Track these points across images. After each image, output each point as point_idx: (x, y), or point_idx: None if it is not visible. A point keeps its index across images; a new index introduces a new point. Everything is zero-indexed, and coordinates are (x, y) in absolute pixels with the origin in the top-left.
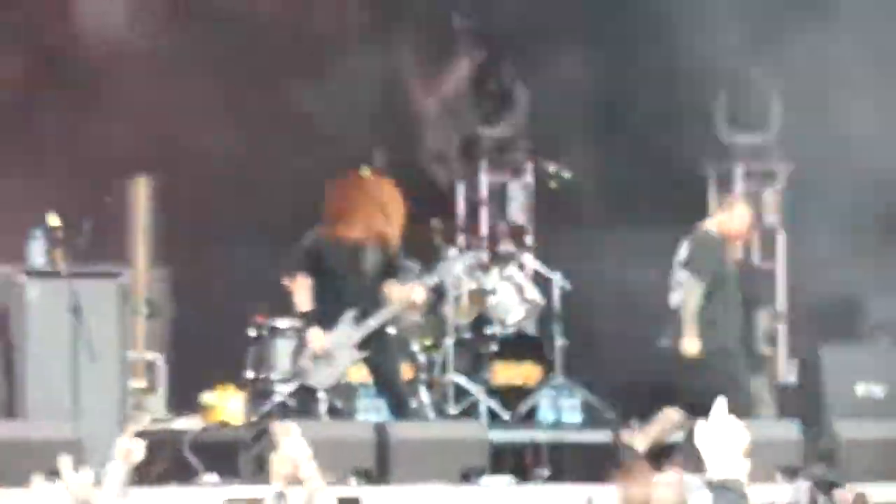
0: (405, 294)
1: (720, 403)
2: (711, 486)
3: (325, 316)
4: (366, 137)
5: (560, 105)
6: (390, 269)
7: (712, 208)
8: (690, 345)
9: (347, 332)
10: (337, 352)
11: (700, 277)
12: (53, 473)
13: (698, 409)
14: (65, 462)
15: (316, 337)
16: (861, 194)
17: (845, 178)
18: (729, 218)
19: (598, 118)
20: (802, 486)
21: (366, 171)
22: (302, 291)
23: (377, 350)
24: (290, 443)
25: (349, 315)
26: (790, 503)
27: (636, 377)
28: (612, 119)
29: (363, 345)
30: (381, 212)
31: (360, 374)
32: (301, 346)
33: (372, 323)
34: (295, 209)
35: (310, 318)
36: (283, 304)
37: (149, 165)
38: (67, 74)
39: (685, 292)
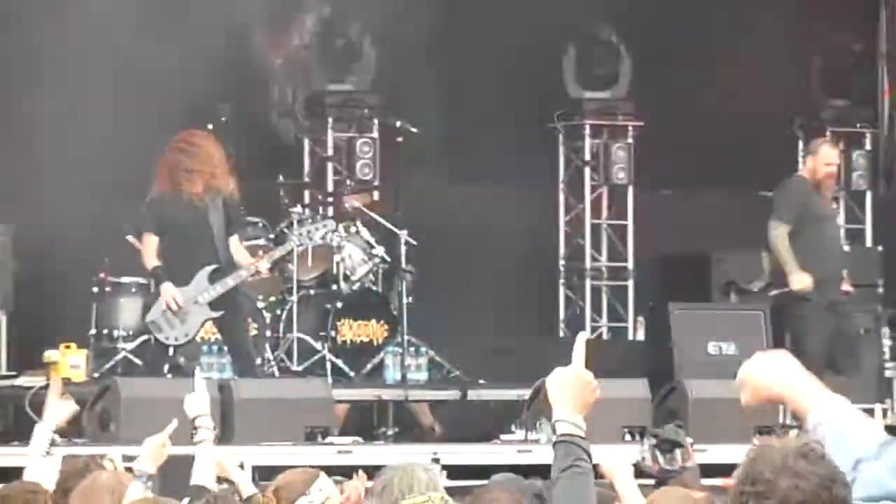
0: (252, 263)
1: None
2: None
3: (172, 272)
4: (211, 91)
5: (406, 60)
6: (231, 225)
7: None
8: (800, 279)
9: (201, 289)
10: (190, 308)
11: (782, 218)
12: None
13: None
14: None
15: (169, 291)
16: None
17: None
18: (813, 161)
19: (444, 73)
20: (646, 445)
21: (209, 126)
22: (149, 248)
23: (227, 307)
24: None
25: (204, 272)
26: (636, 462)
27: (479, 336)
28: (457, 73)
29: (216, 303)
30: (219, 167)
31: (204, 331)
32: (151, 302)
33: (230, 282)
34: (140, 164)
35: (159, 274)
36: (127, 261)
37: None
38: None
39: (771, 235)
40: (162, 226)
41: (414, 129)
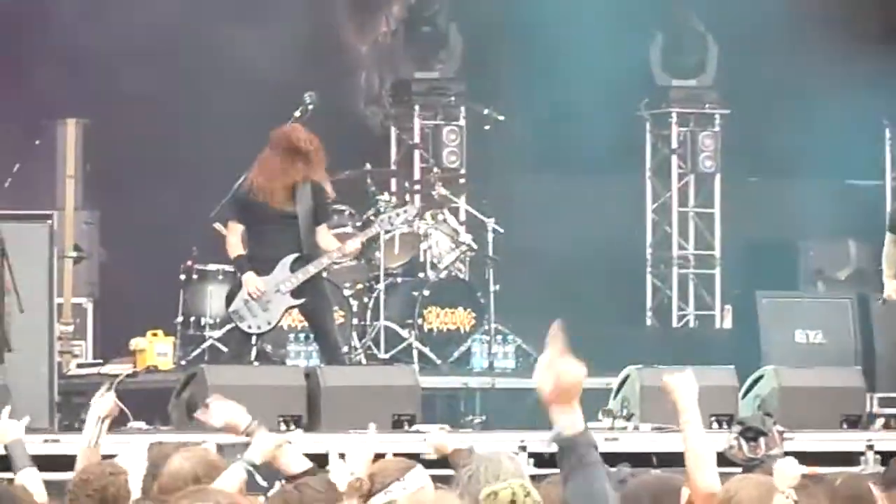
0: (342, 245)
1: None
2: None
3: (257, 261)
4: (297, 79)
5: (493, 47)
6: (319, 214)
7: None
8: (892, 287)
9: (284, 278)
10: (272, 297)
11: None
12: None
13: None
14: None
15: (251, 281)
16: None
17: None
18: None
19: (531, 61)
20: (733, 433)
21: (295, 114)
22: (233, 236)
23: (311, 295)
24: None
25: (286, 260)
26: (725, 450)
27: (566, 323)
28: (544, 61)
29: (298, 291)
30: (308, 157)
31: (291, 319)
32: (235, 291)
33: (311, 269)
34: (226, 153)
35: (242, 263)
36: (214, 249)
37: (78, 108)
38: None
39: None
40: (247, 214)
41: (501, 117)
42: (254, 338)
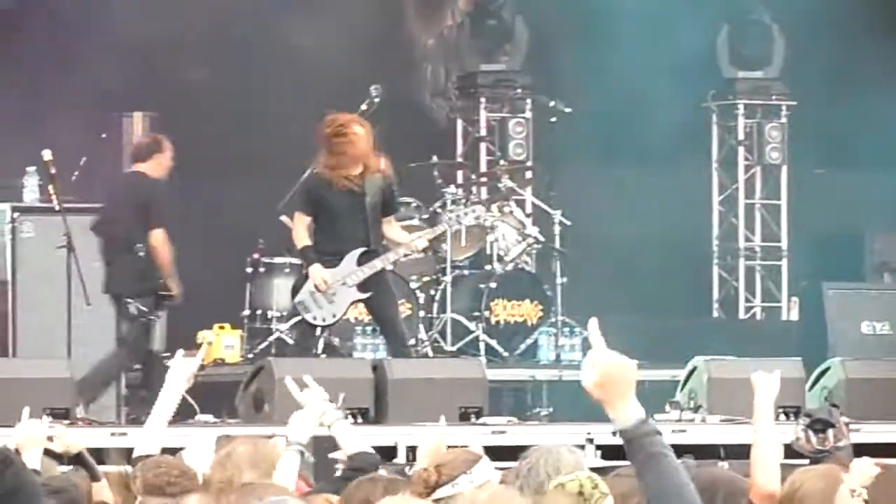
0: (409, 241)
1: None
2: None
3: (324, 253)
4: (363, 71)
5: (559, 39)
6: (388, 207)
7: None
8: None
9: (350, 271)
10: (338, 289)
11: None
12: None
13: None
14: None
15: (317, 273)
16: None
17: None
18: None
19: (597, 52)
20: (800, 425)
21: (362, 107)
22: (300, 228)
23: (376, 288)
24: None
25: (354, 254)
26: (792, 442)
27: (633, 315)
28: (610, 52)
29: (364, 285)
30: (333, 146)
31: (357, 312)
32: (301, 282)
33: (378, 264)
34: (293, 144)
35: (309, 255)
36: (281, 242)
37: (144, 101)
38: (60, 8)
39: None
40: (315, 206)
41: (567, 109)
42: (319, 330)
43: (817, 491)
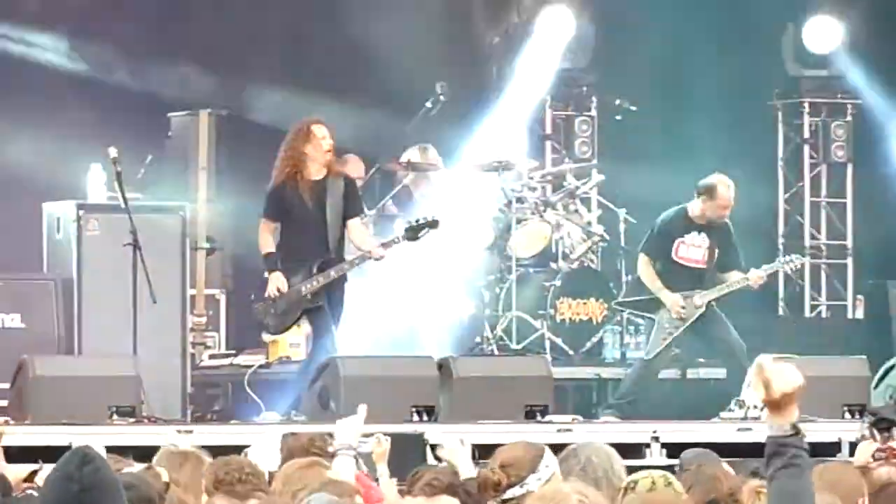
0: (369, 250)
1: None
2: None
3: (287, 259)
4: (430, 70)
5: (624, 38)
6: (350, 208)
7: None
8: None
9: (306, 280)
10: (293, 298)
11: None
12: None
13: None
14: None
15: (273, 281)
16: None
17: None
18: None
19: (662, 51)
20: (865, 423)
21: (428, 105)
22: (264, 234)
23: (327, 299)
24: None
25: (315, 263)
26: (856, 440)
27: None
28: (676, 50)
29: (316, 295)
30: (288, 150)
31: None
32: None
33: (332, 274)
34: (361, 144)
35: (267, 262)
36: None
37: (209, 99)
38: (132, 9)
39: None
40: (278, 211)
41: (633, 108)
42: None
43: None
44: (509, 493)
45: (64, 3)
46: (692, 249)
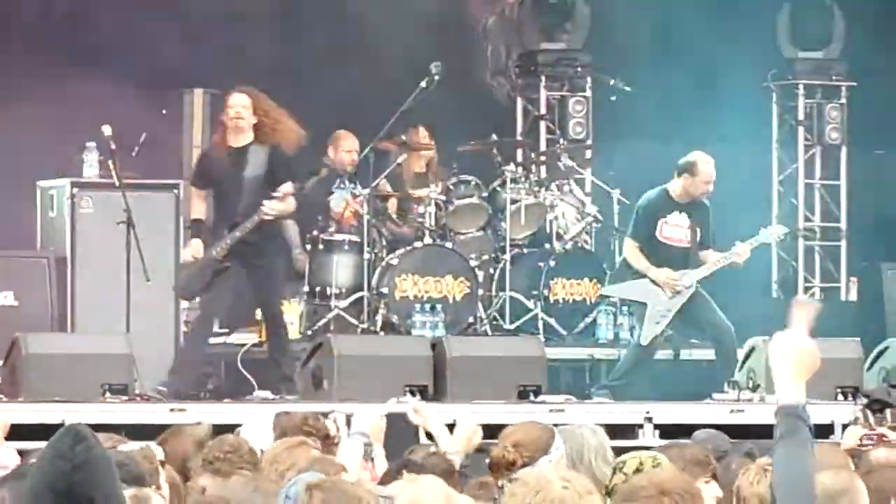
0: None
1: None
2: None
3: (213, 226)
4: (424, 49)
5: (619, 19)
6: (274, 177)
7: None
8: None
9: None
10: (209, 263)
11: None
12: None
13: None
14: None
15: (191, 248)
16: None
17: None
18: None
19: (657, 32)
20: (858, 405)
21: (421, 84)
22: (193, 201)
23: (239, 259)
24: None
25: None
26: (849, 422)
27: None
28: (671, 31)
29: (226, 257)
30: (265, 120)
31: (417, 290)
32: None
33: (237, 233)
34: (354, 122)
35: (190, 229)
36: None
37: (204, 78)
38: None
39: None
40: (199, 178)
41: (627, 88)
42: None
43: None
44: (521, 473)
45: None
46: (675, 229)
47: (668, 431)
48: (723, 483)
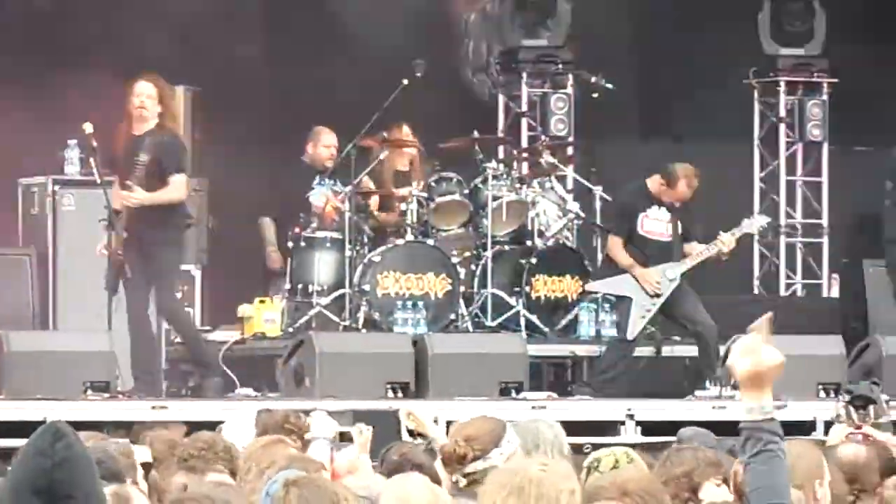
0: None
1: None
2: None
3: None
4: (406, 46)
5: (601, 16)
6: (161, 166)
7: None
8: None
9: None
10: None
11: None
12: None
13: None
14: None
15: (102, 241)
16: None
17: None
18: None
19: (639, 29)
20: (840, 401)
21: (403, 81)
22: (114, 188)
23: (137, 245)
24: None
25: None
26: (832, 419)
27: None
28: (654, 29)
29: (124, 249)
30: (154, 109)
31: (399, 287)
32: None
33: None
34: (336, 120)
35: (108, 219)
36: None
37: (185, 75)
38: None
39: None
40: (111, 168)
41: (609, 85)
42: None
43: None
44: (472, 467)
45: None
46: (655, 223)
47: (649, 428)
48: None
